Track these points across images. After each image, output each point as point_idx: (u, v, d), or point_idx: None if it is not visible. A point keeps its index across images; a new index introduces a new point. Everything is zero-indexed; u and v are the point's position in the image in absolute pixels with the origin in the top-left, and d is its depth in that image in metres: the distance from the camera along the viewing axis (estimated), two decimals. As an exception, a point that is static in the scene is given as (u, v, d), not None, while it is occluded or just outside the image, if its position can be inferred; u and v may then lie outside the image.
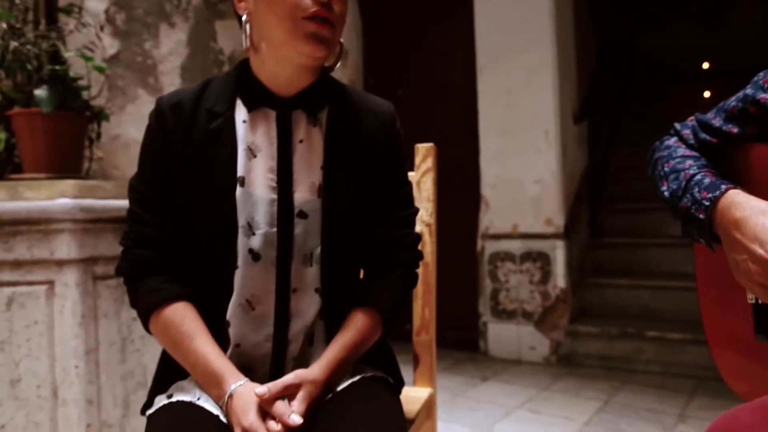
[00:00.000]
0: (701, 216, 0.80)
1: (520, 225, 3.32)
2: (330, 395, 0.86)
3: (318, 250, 0.89)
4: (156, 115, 0.89)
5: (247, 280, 0.87)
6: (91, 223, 1.49)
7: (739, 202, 0.75)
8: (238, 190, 0.86)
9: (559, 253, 3.20)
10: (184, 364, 0.87)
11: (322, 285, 0.91)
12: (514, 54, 3.32)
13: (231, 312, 0.88)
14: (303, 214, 0.88)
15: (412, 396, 1.18)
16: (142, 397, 1.55)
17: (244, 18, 0.87)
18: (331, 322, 0.92)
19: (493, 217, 3.40)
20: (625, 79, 5.03)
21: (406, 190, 0.99)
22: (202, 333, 0.86)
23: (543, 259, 3.23)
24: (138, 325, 1.63)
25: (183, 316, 0.87)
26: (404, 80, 3.86)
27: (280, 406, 0.77)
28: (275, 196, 0.88)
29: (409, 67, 3.85)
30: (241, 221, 0.86)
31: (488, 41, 3.41)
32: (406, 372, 1.07)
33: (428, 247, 1.24)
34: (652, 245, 3.56)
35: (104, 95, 1.96)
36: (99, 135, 1.94)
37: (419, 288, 1.24)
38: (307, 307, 0.91)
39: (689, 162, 0.88)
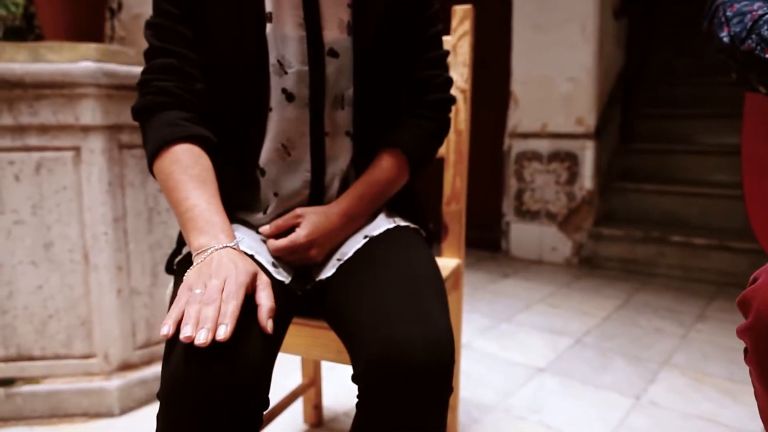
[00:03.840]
0: (767, 56, 0.73)
1: (549, 124, 3.22)
2: (365, 238, 0.85)
3: (350, 92, 0.86)
4: None
5: (281, 122, 0.84)
6: (115, 89, 1.45)
7: None
8: (268, 26, 0.81)
9: (588, 154, 3.12)
10: (178, 208, 0.76)
11: (354, 128, 0.88)
12: (555, -60, 3.09)
13: (266, 158, 0.85)
14: (334, 53, 0.84)
15: (440, 266, 1.17)
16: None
17: None
18: (362, 167, 0.90)
19: (522, 115, 3.30)
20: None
21: (434, 30, 0.94)
22: (212, 184, 0.78)
23: (571, 160, 3.16)
24: (164, 197, 1.64)
25: (196, 159, 0.78)
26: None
27: (262, 297, 0.66)
28: (304, 33, 0.83)
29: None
30: (272, 59, 0.82)
31: (528, -75, 3.17)
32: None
33: (462, 115, 1.20)
34: (683, 152, 3.45)
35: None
36: (120, 5, 1.86)
37: (451, 156, 1.21)
38: (340, 150, 0.89)
39: (758, 4, 0.80)
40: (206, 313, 0.60)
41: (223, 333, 0.58)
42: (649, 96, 3.90)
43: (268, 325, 0.65)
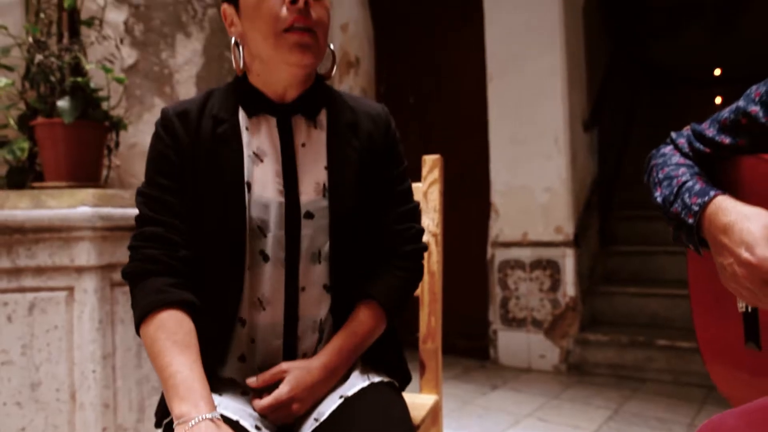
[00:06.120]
0: (690, 221, 0.83)
1: (530, 233, 3.33)
2: (341, 398, 0.90)
3: (326, 248, 0.93)
4: (162, 124, 0.93)
5: (256, 279, 0.91)
6: (110, 231, 1.54)
7: (726, 207, 0.78)
8: (249, 195, 0.90)
9: (568, 261, 3.21)
10: (162, 373, 0.81)
11: (331, 281, 0.94)
12: (524, 61, 3.34)
13: (243, 311, 0.91)
14: (309, 215, 0.92)
15: (418, 403, 1.20)
16: (156, 402, 1.59)
17: (233, 41, 0.93)
18: (340, 317, 0.96)
19: (503, 224, 3.42)
20: (637, 85, 5.03)
21: (404, 186, 1.03)
22: (194, 348, 0.84)
23: (553, 267, 3.25)
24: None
25: (180, 323, 0.84)
26: (415, 88, 3.90)
27: None
28: (282, 200, 0.91)
29: (420, 75, 3.89)
30: (252, 225, 0.89)
31: (498, 49, 3.43)
32: (413, 380, 1.10)
33: (435, 257, 1.27)
34: (663, 253, 3.56)
35: (122, 105, 2.02)
36: (117, 144, 1.99)
37: (425, 296, 1.27)
38: (316, 303, 0.94)
39: (683, 170, 0.90)
40: None
41: None
42: (626, 198, 4.07)
43: None
